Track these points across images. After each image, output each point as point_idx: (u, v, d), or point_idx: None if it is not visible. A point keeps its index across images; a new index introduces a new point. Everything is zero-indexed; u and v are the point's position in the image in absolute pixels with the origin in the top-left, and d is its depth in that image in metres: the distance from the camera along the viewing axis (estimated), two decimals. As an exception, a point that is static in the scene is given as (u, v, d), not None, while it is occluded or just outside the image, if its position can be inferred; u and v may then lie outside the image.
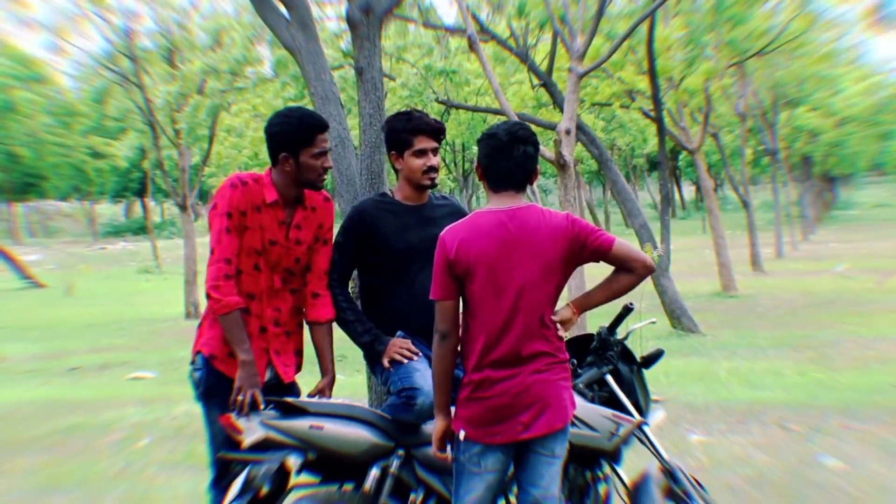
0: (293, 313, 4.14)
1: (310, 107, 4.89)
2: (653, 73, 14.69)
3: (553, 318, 3.41)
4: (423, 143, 4.17)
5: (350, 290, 4.43)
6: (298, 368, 4.21)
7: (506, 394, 3.33)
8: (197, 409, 4.10)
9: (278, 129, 3.96)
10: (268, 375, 4.01)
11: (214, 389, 3.87)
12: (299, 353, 4.19)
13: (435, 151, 4.22)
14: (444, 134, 4.28)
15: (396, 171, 4.29)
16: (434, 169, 4.20)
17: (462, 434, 3.41)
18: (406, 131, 4.17)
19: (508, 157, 3.41)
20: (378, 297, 4.24)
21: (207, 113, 21.18)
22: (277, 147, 3.97)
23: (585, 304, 3.54)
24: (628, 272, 3.45)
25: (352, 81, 14.31)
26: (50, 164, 39.72)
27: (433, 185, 4.25)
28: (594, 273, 7.96)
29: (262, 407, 3.74)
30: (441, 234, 3.43)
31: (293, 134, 3.93)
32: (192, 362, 4.00)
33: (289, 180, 4.00)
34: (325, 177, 4.06)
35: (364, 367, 5.08)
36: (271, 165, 4.03)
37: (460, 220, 3.47)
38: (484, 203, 4.25)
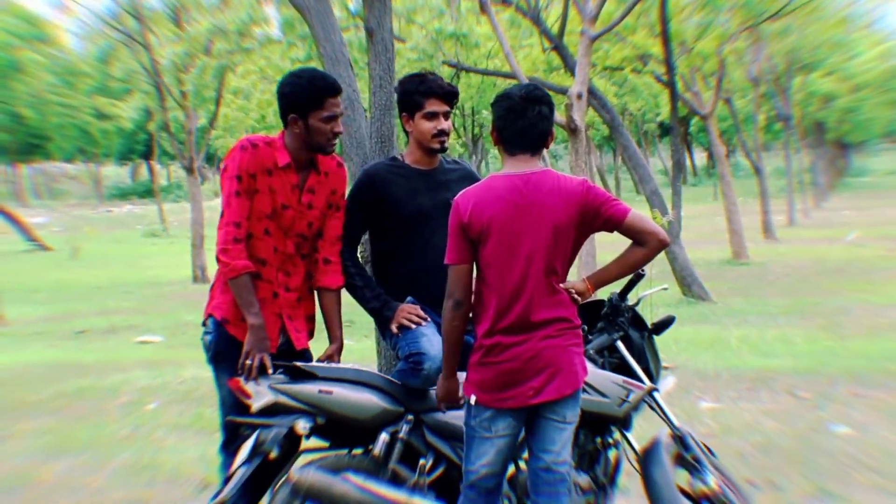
0: (305, 279, 4.14)
1: (318, 68, 4.86)
2: (665, 37, 14.58)
3: (565, 285, 3.41)
4: (434, 105, 4.15)
5: (360, 256, 4.44)
6: (311, 335, 4.21)
7: (517, 358, 3.34)
8: (205, 374, 4.14)
9: (288, 90, 3.94)
10: (280, 340, 4.03)
11: (225, 353, 3.88)
12: (311, 319, 4.20)
13: (446, 115, 4.20)
14: (456, 98, 4.26)
15: (407, 133, 4.27)
16: (444, 133, 4.19)
17: (473, 398, 3.42)
18: (418, 93, 4.15)
19: (523, 116, 3.40)
20: (388, 262, 4.24)
21: (214, 74, 21.11)
22: (287, 108, 3.95)
23: (601, 279, 3.54)
24: (641, 245, 3.44)
25: (360, 45, 14.22)
26: (54, 125, 39.69)
27: (443, 150, 4.24)
28: (604, 241, 7.96)
29: (270, 371, 3.75)
30: (455, 197, 3.43)
31: (303, 96, 3.90)
32: (204, 325, 4.01)
33: (299, 143, 3.98)
34: (335, 142, 4.03)
35: (373, 333, 5.10)
36: (283, 127, 4.02)
37: (475, 184, 3.47)
38: (493, 169, 4.22)
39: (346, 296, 4.26)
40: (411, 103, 4.19)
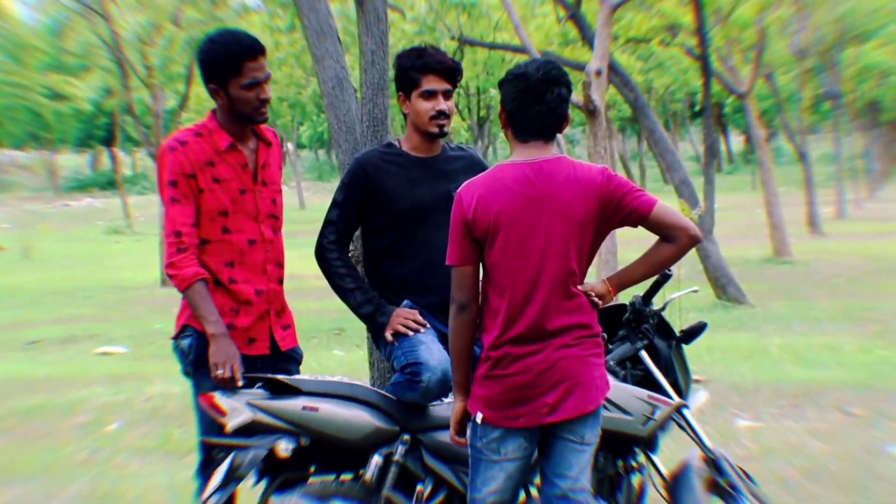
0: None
1: (300, 41, 4.86)
2: (698, 4, 14.57)
3: (583, 287, 3.41)
4: (432, 83, 4.16)
5: (351, 254, 4.44)
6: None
7: (529, 371, 3.34)
8: (174, 389, 4.14)
9: (205, 57, 3.98)
10: (269, 342, 4.09)
11: (206, 359, 3.88)
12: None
13: (447, 95, 4.20)
14: (459, 75, 4.27)
15: (405, 116, 4.28)
16: (444, 114, 4.19)
17: (479, 416, 3.42)
18: (414, 69, 4.16)
19: (540, 100, 3.39)
20: (382, 262, 4.25)
21: (184, 48, 21.12)
22: (207, 78, 4.00)
23: (624, 280, 3.53)
24: (669, 242, 3.43)
25: (350, 16, 14.23)
26: (1, 107, 39.66)
27: (442, 134, 4.24)
28: (627, 237, 7.95)
29: (240, 382, 3.76)
30: (458, 190, 3.43)
31: (219, 62, 3.93)
32: (177, 336, 4.03)
33: (228, 116, 4.03)
34: (264, 109, 4.05)
35: (365, 342, 5.10)
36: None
37: (480, 175, 3.47)
38: (502, 155, 4.22)
39: (336, 300, 4.26)
40: (408, 80, 4.20)
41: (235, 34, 4.02)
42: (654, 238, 3.48)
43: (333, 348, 11.25)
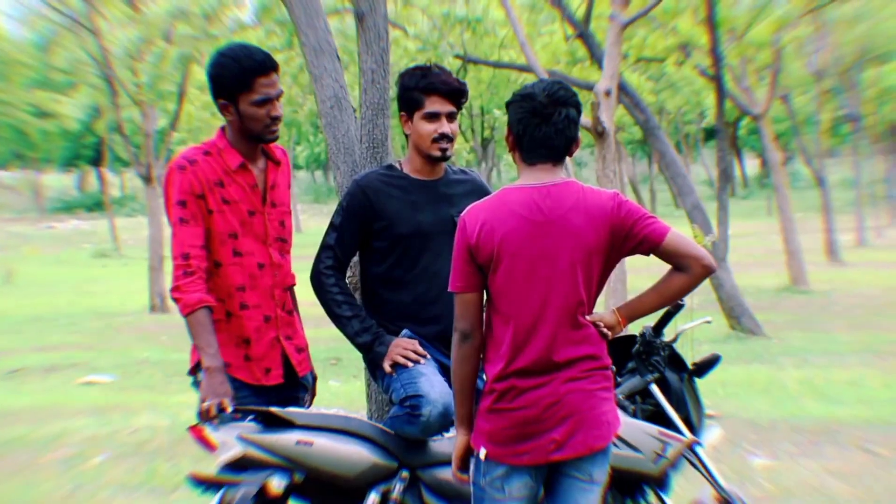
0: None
1: (297, 59, 4.88)
2: (712, 22, 14.63)
3: (592, 318, 3.41)
4: (436, 104, 4.17)
5: (348, 280, 4.44)
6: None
7: (535, 405, 3.33)
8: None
9: (214, 72, 3.99)
10: (282, 370, 4.12)
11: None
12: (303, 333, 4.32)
13: (451, 117, 4.21)
14: (465, 97, 4.28)
15: (406, 137, 4.29)
16: (447, 137, 4.20)
17: (483, 452, 3.41)
18: (417, 89, 4.17)
19: (547, 122, 3.40)
20: (382, 289, 4.26)
21: (175, 65, 21.18)
22: (216, 93, 4.01)
23: (634, 310, 3.52)
24: (682, 272, 3.43)
25: (349, 33, 14.29)
26: (-16, 125, 39.71)
27: (445, 158, 4.25)
28: (637, 265, 7.93)
29: (228, 410, 3.74)
30: (462, 214, 3.43)
31: (229, 77, 3.95)
32: (193, 370, 4.03)
33: (238, 134, 4.05)
34: (275, 128, 4.07)
35: (362, 372, 5.09)
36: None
37: (485, 198, 3.47)
38: (506, 178, 4.23)
39: (332, 328, 4.26)
40: (410, 101, 4.21)
41: (247, 48, 4.04)
42: (665, 266, 3.47)
43: (329, 379, 11.22)
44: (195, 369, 4.01)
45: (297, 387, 4.21)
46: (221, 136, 4.06)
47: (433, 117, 4.18)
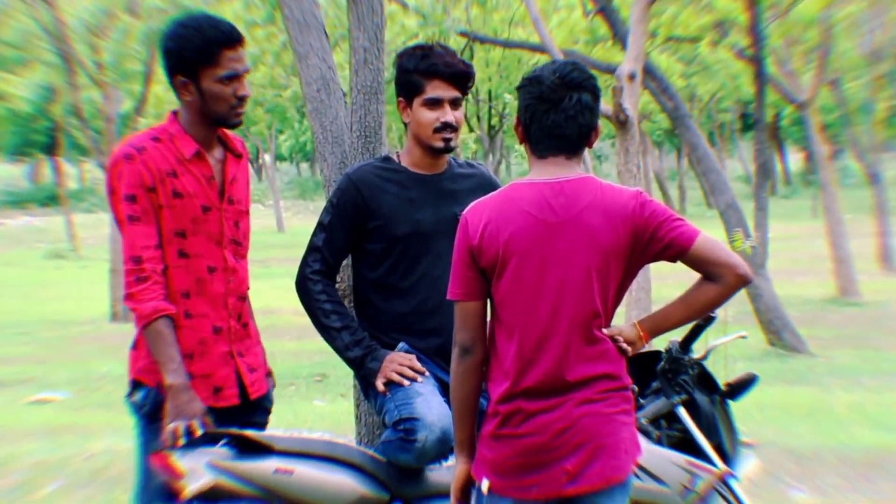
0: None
1: (280, 35, 4.89)
2: (751, -3, 14.64)
3: (610, 332, 3.41)
4: (438, 89, 4.18)
5: (338, 287, 4.45)
6: (270, 374, 4.28)
7: (544, 430, 3.33)
8: (123, 445, 4.13)
9: (172, 45, 3.94)
10: (237, 390, 4.07)
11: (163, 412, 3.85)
12: (263, 351, 4.26)
13: (455, 104, 4.22)
14: (471, 81, 4.29)
15: (405, 125, 4.30)
16: (450, 127, 4.21)
17: (485, 484, 3.41)
18: (418, 72, 4.19)
19: (557, 108, 3.40)
20: (375, 296, 4.28)
21: (142, 41, 21.17)
22: (173, 68, 3.95)
23: (659, 324, 3.53)
24: (713, 280, 3.42)
25: (340, 4, 14.31)
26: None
27: (448, 149, 4.27)
28: (662, 271, 7.92)
29: (199, 433, 3.74)
30: (464, 212, 3.44)
31: (190, 50, 3.89)
32: (130, 396, 4.00)
33: (197, 116, 4.00)
34: (242, 109, 4.03)
35: (351, 390, 5.09)
36: (177, 98, 4.02)
37: (489, 195, 3.47)
38: (517, 172, 4.23)
39: (318, 340, 4.26)
40: (409, 85, 4.22)
41: (211, 18, 4.01)
42: (695, 273, 3.48)
43: (313, 398, 11.22)
44: (135, 389, 3.97)
45: (255, 410, 4.15)
46: (174, 121, 4.01)
47: (435, 104, 4.19)
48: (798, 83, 20.87)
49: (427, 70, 4.17)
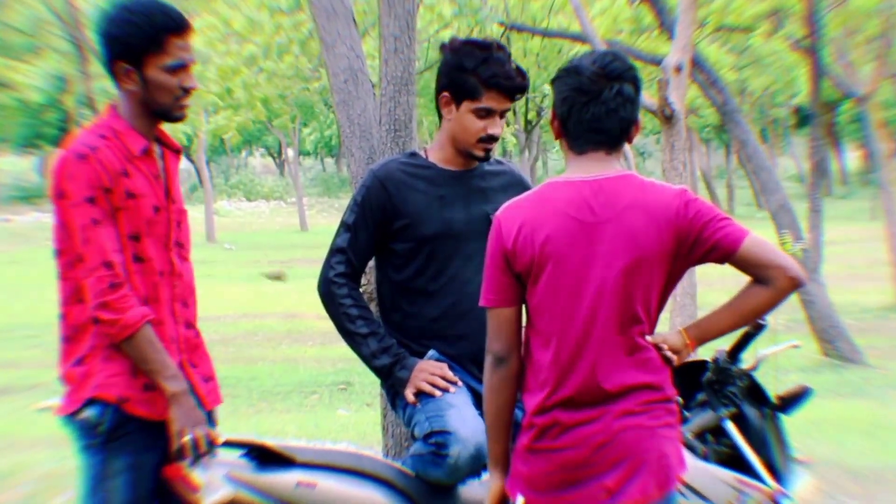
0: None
1: (307, 24, 4.90)
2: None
3: (654, 339, 3.41)
4: (493, 100, 4.19)
5: (362, 289, 4.46)
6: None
7: (583, 444, 3.34)
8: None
9: (114, 29, 3.86)
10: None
11: (125, 428, 3.80)
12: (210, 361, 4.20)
13: (503, 115, 4.24)
14: (524, 93, 4.30)
15: (440, 117, 4.30)
16: (495, 139, 4.23)
17: (520, 501, 3.42)
18: (476, 75, 4.18)
19: (596, 100, 3.40)
20: (403, 300, 4.29)
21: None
22: (115, 54, 3.88)
23: (705, 331, 3.53)
24: (764, 284, 3.41)
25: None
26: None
27: (486, 159, 4.28)
28: (709, 274, 7.87)
29: (219, 442, 3.75)
30: (497, 213, 3.44)
31: (135, 35, 3.82)
32: (74, 415, 3.90)
33: (138, 108, 3.93)
34: (186, 102, 3.98)
35: (377, 400, 5.11)
36: (115, 84, 3.96)
37: (524, 195, 3.48)
38: (553, 170, 4.23)
39: (342, 346, 4.27)
40: (463, 85, 4.22)
41: (159, 3, 3.92)
42: (744, 277, 3.47)
43: (337, 407, 11.22)
44: (84, 407, 3.85)
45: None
46: (115, 115, 3.94)
47: (487, 114, 4.20)
48: (857, 76, 20.74)
49: (490, 78, 4.16)
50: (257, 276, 28.08)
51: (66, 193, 3.77)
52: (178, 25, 3.89)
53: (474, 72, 4.17)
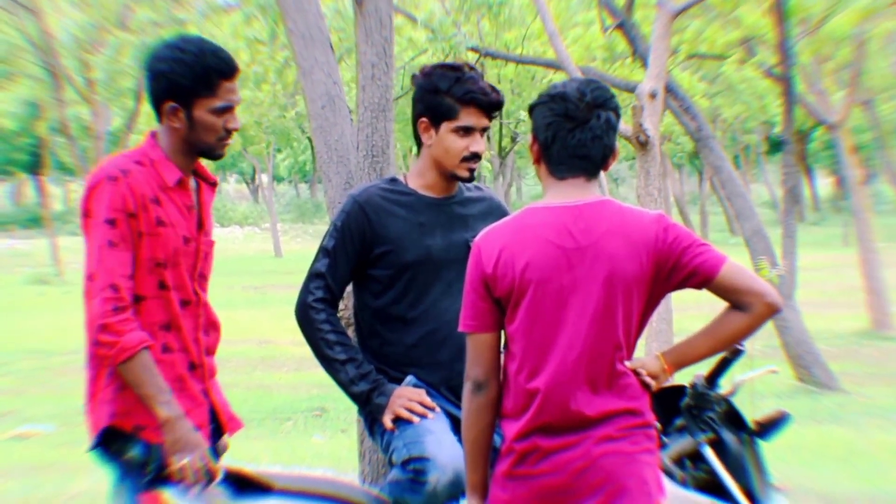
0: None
1: (283, 51, 4.90)
2: (780, 10, 14.65)
3: (632, 365, 3.41)
4: (472, 118, 4.20)
5: (340, 316, 4.45)
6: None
7: (562, 470, 3.33)
8: (105, 486, 4.07)
9: (167, 69, 3.90)
10: (211, 427, 4.05)
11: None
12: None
13: (484, 132, 4.24)
14: (500, 109, 4.31)
15: (419, 145, 4.30)
16: (478, 157, 4.23)
17: (500, 528, 3.41)
18: (452, 95, 4.19)
19: (583, 127, 3.42)
20: (381, 327, 4.28)
21: (134, 56, 21.24)
22: (163, 93, 3.92)
23: (683, 356, 3.54)
24: (741, 310, 3.43)
25: (346, 14, 14.36)
26: None
27: (471, 179, 4.28)
28: (686, 300, 7.90)
29: (220, 474, 3.73)
30: (476, 239, 3.45)
31: (188, 77, 3.88)
32: (100, 444, 3.89)
33: (180, 145, 3.99)
34: (228, 142, 4.05)
35: (354, 426, 5.09)
36: (157, 120, 4.01)
37: (504, 220, 3.48)
38: (528, 198, 4.24)
39: (318, 372, 4.26)
40: (439, 108, 4.23)
41: (206, 43, 3.99)
42: (720, 302, 3.48)
43: (312, 433, 11.19)
44: (110, 437, 3.86)
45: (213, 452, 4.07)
46: (154, 145, 3.99)
47: (467, 132, 4.21)
48: (828, 103, 20.86)
49: (465, 95, 4.18)
50: (233, 301, 28.00)
51: (90, 212, 3.85)
52: (229, 69, 3.96)
53: (448, 92, 4.19)
